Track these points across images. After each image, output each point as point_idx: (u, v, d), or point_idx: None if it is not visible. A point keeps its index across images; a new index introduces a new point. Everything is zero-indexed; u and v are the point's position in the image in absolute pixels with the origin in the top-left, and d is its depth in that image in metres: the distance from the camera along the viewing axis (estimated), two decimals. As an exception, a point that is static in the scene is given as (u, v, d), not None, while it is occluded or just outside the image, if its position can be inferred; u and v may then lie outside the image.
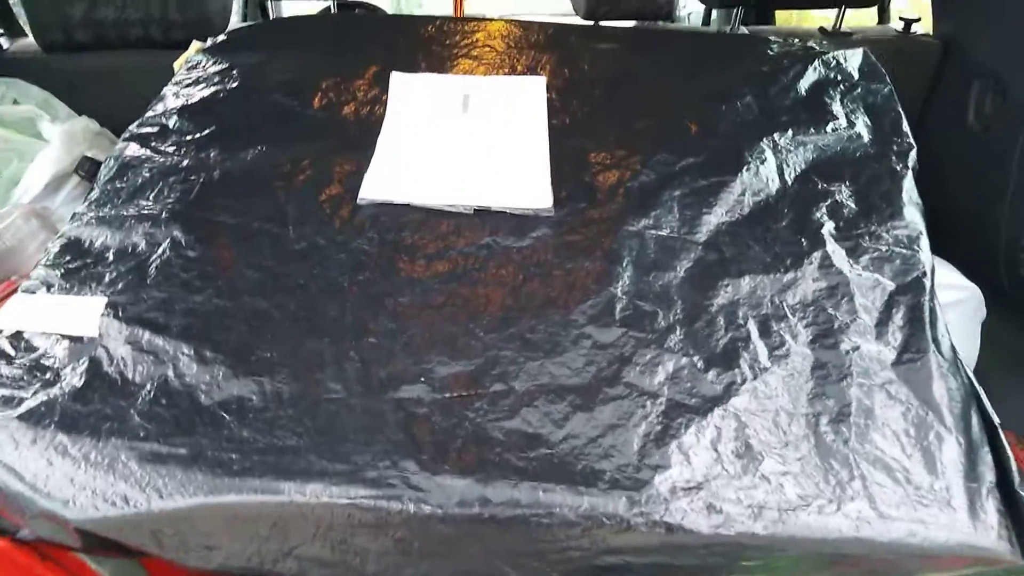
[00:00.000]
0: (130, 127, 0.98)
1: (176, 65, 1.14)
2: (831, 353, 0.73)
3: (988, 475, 0.67)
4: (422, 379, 0.70)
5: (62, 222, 1.37)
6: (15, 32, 1.68)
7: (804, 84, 1.02)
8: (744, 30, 1.62)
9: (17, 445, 0.61)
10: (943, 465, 0.66)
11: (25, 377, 0.66)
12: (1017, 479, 0.66)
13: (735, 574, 0.66)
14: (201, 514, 0.60)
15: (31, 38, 1.57)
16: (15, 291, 1.15)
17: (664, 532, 0.62)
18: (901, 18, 1.59)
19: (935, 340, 0.74)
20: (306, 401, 0.67)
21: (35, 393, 0.65)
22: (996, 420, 0.71)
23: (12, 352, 0.68)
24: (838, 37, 1.60)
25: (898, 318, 0.76)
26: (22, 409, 0.64)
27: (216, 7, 1.51)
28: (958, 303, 1.22)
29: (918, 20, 1.59)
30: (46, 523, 0.60)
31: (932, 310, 0.76)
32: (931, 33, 1.60)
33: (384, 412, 0.67)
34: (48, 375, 0.67)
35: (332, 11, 1.77)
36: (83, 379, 0.67)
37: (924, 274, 0.79)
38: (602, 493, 0.62)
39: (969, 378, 0.73)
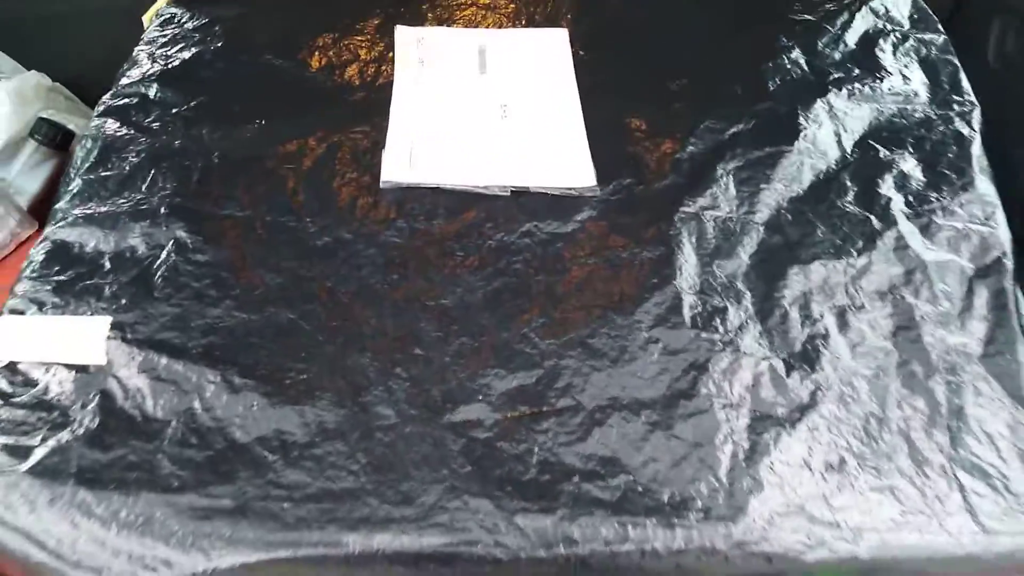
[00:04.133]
0: (104, 98, 0.86)
1: (145, 19, 1.01)
2: (915, 348, 0.68)
3: (1086, 477, 0.63)
4: (480, 397, 0.63)
5: (21, 194, 1.24)
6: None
7: (853, 35, 0.94)
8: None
9: (33, 507, 0.53)
10: None
11: (28, 420, 0.57)
12: None
13: None
14: (255, 574, 0.53)
15: None
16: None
17: (764, 562, 0.57)
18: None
19: (1022, 328, 0.69)
20: (355, 432, 0.60)
21: (44, 440, 0.56)
22: None
23: (9, 389, 0.59)
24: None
25: (980, 305, 0.71)
26: (32, 461, 0.55)
27: None
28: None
29: (935, -50, 1.50)
30: (77, 595, 0.53)
31: (1016, 294, 0.71)
32: (949, -36, 1.51)
33: (444, 440, 0.60)
34: (55, 414, 0.58)
35: None
36: (96, 419, 0.58)
37: (1004, 254, 0.74)
38: (695, 524, 0.57)
39: None
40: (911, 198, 0.78)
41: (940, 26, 0.96)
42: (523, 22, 0.99)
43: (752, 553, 0.57)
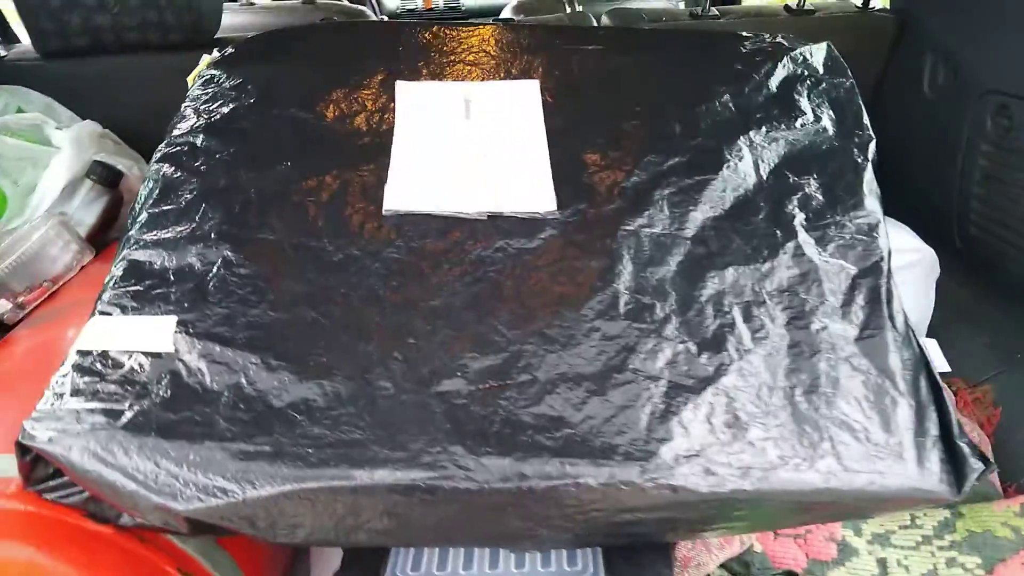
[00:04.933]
0: (160, 147, 1.06)
1: (190, 80, 1.21)
2: (803, 333, 0.86)
3: (933, 430, 0.80)
4: (459, 373, 0.81)
5: (80, 226, 1.45)
6: (9, 39, 1.72)
7: (774, 81, 1.13)
8: (714, 11, 1.71)
9: (127, 452, 0.72)
10: (896, 424, 0.80)
11: (119, 392, 0.77)
12: (956, 432, 0.80)
13: (728, 521, 0.80)
14: (288, 500, 0.72)
15: (28, 44, 1.61)
16: (47, 296, 1.24)
17: (670, 493, 0.75)
18: (860, -6, 1.69)
19: (891, 317, 0.87)
20: (363, 399, 0.78)
21: (131, 406, 0.75)
22: (941, 383, 0.84)
23: (104, 370, 0.78)
24: (802, 14, 1.70)
25: (859, 299, 0.89)
26: (124, 420, 0.74)
27: (208, 9, 1.57)
28: (914, 264, 1.35)
29: (877, -5, 1.69)
30: (159, 514, 0.72)
31: (889, 290, 0.89)
32: (888, 8, 1.70)
33: (430, 404, 0.78)
34: (138, 387, 0.77)
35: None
36: (169, 391, 0.77)
37: (882, 259, 0.92)
38: (618, 464, 0.75)
39: (919, 347, 0.87)
40: (811, 215, 0.96)
41: (849, 72, 1.15)
42: (501, 75, 1.18)
43: (660, 485, 0.75)
